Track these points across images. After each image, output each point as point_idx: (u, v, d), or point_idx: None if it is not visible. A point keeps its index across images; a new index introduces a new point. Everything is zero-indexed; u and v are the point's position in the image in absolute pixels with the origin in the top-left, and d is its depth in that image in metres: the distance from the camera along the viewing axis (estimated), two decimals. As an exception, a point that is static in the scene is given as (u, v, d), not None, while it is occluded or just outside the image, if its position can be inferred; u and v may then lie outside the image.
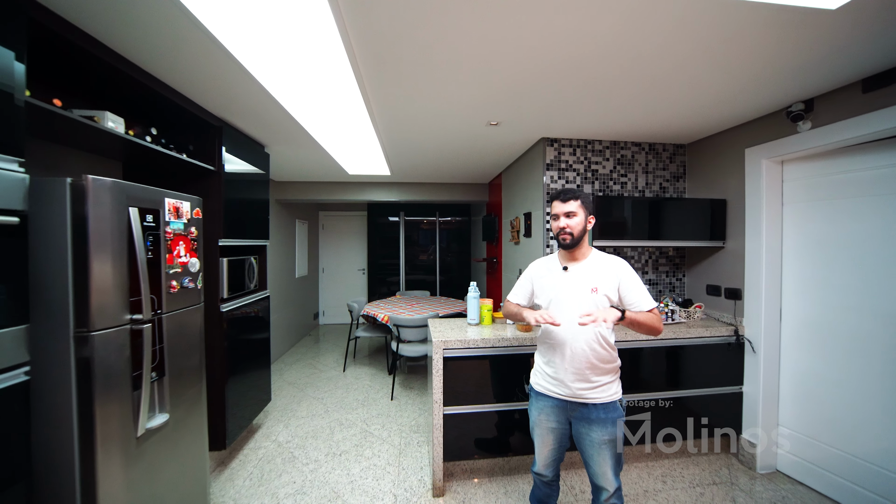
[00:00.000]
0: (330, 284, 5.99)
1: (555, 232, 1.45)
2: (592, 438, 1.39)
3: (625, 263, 1.44)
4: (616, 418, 1.40)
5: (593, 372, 1.38)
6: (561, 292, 1.45)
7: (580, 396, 1.39)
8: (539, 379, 1.52)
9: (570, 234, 1.41)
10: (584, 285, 1.41)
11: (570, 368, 1.40)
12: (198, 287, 1.69)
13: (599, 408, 1.39)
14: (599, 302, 1.39)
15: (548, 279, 1.51)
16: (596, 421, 1.38)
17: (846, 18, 1.26)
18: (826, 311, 2.03)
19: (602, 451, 1.38)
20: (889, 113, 1.64)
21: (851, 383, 1.91)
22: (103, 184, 1.22)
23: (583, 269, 1.44)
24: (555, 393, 1.45)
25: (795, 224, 2.16)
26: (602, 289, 1.39)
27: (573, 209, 1.41)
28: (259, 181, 2.64)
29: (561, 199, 1.43)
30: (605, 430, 1.37)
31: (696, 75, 1.71)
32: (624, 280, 1.40)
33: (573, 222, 1.41)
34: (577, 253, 1.46)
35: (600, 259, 1.46)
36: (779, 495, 2.02)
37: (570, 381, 1.40)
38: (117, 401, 1.26)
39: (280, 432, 2.67)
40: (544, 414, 1.48)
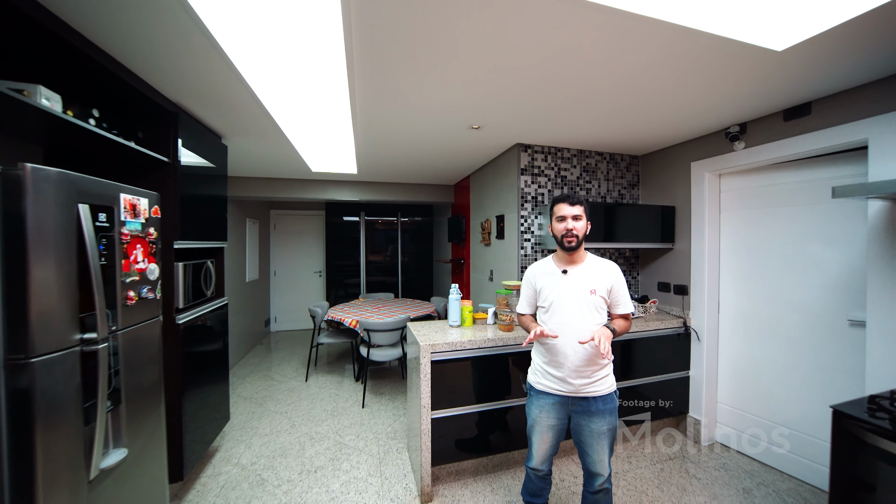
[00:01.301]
0: (282, 288, 5.57)
1: (559, 233, 1.48)
2: (593, 429, 1.45)
3: (617, 268, 1.52)
4: (614, 408, 1.49)
5: (593, 368, 1.46)
6: (563, 295, 1.49)
7: (582, 392, 1.46)
8: (540, 378, 1.55)
9: (576, 237, 1.46)
10: (584, 287, 1.47)
11: (573, 367, 1.45)
12: (157, 297, 1.46)
13: (599, 400, 1.46)
14: (597, 303, 1.46)
15: (548, 282, 1.54)
16: (597, 413, 1.45)
17: (784, 58, 1.48)
18: (753, 303, 2.38)
19: (601, 440, 1.45)
20: (803, 139, 1.97)
21: (773, 362, 2.26)
22: (46, 175, 1.00)
23: (581, 271, 1.50)
24: (557, 391, 1.49)
25: (730, 228, 2.50)
26: (599, 290, 1.46)
27: (579, 213, 1.46)
28: (216, 176, 2.36)
29: (569, 202, 1.47)
30: (605, 420, 1.45)
31: (651, 99, 1.92)
32: (615, 284, 1.49)
33: (579, 225, 1.46)
34: (575, 256, 1.51)
35: (595, 262, 1.53)
36: (720, 462, 2.32)
37: (573, 378, 1.45)
38: (65, 439, 1.04)
39: (242, 454, 2.41)
40: (545, 412, 1.52)
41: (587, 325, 1.44)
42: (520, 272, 2.80)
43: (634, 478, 2.19)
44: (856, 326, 1.87)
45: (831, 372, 1.99)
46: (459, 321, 2.34)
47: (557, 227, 1.49)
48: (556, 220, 1.49)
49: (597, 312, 1.46)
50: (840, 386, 1.92)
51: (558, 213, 1.49)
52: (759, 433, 2.32)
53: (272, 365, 4.18)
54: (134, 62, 1.49)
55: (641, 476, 2.20)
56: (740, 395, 2.45)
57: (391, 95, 1.89)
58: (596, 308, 1.45)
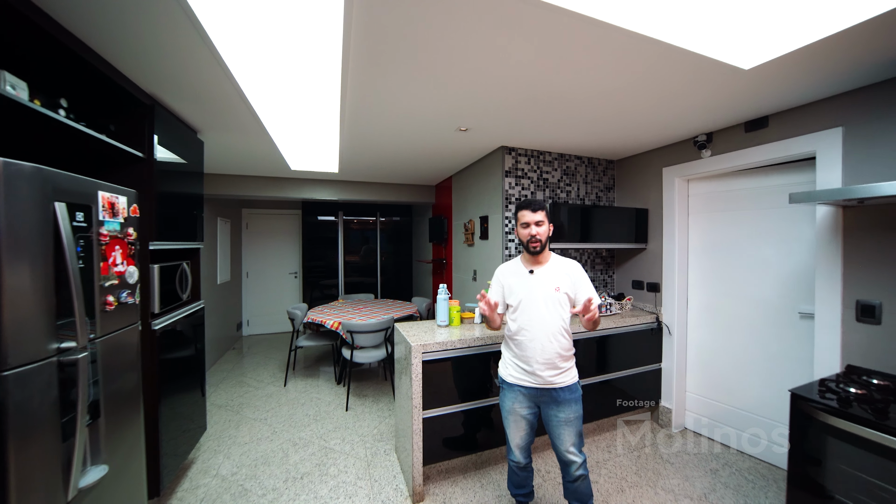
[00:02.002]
0: (255, 290, 5.34)
1: (524, 239, 1.60)
2: (560, 418, 1.56)
3: (578, 265, 1.65)
4: (578, 397, 1.60)
5: (560, 360, 1.56)
6: (530, 293, 1.60)
7: (550, 383, 1.56)
8: (511, 371, 1.65)
9: (540, 241, 1.58)
10: (549, 286, 1.59)
11: (541, 360, 1.55)
12: (136, 302, 1.37)
13: (565, 390, 1.57)
14: (561, 299, 1.58)
15: (516, 282, 1.64)
16: (563, 402, 1.56)
17: (750, 76, 1.62)
18: (717, 298, 2.58)
19: (570, 427, 1.56)
20: (761, 149, 2.17)
21: (734, 352, 2.47)
22: (19, 170, 0.92)
23: (546, 271, 1.62)
24: (527, 382, 1.59)
25: (697, 230, 2.70)
26: (563, 288, 1.59)
27: (541, 218, 1.58)
28: (192, 173, 2.23)
29: (531, 209, 1.58)
30: (571, 409, 1.56)
31: (628, 108, 2.04)
32: (577, 280, 1.61)
33: (542, 230, 1.58)
34: (540, 257, 1.63)
35: (559, 262, 1.66)
36: (690, 447, 2.51)
37: (542, 370, 1.55)
38: (40, 458, 0.96)
39: (221, 464, 2.30)
40: (517, 403, 1.62)
41: (553, 321, 1.56)
42: (504, 272, 2.86)
43: (614, 465, 2.31)
44: (805, 318, 2.08)
45: (784, 360, 2.20)
46: (448, 321, 2.36)
47: (522, 232, 1.60)
48: (521, 227, 1.61)
49: (561, 308, 1.58)
50: (792, 372, 2.13)
51: (522, 219, 1.59)
52: (723, 418, 2.52)
53: (247, 370, 4.00)
54: (105, 48, 1.38)
55: (620, 464, 2.33)
56: (706, 384, 2.65)
57: (384, 96, 1.88)
58: (560, 304, 1.57)
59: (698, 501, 1.97)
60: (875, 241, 1.71)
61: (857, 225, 1.77)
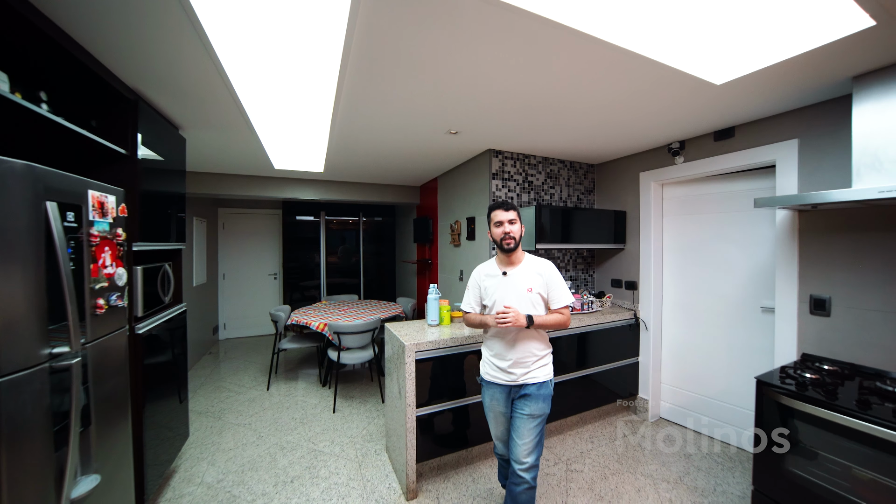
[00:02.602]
0: (233, 293, 5.15)
1: (498, 237, 1.61)
2: (524, 412, 1.56)
3: (552, 265, 1.66)
4: (546, 395, 1.60)
5: (532, 359, 1.60)
6: (503, 294, 1.62)
7: (521, 380, 1.59)
8: (488, 369, 1.68)
9: (514, 239, 1.59)
10: (522, 286, 1.60)
11: (514, 358, 1.59)
12: (125, 305, 1.33)
13: (534, 385, 1.59)
14: (534, 300, 1.59)
15: (490, 283, 1.67)
16: (531, 396, 1.57)
17: (720, 90, 1.77)
18: (688, 295, 2.77)
19: (530, 423, 1.54)
20: (728, 157, 2.36)
21: (703, 345, 2.66)
22: (11, 168, 0.88)
23: (519, 272, 1.63)
24: (502, 380, 1.63)
25: (671, 231, 2.88)
26: (535, 288, 1.60)
27: (514, 217, 1.61)
28: (174, 171, 2.15)
29: (504, 208, 1.61)
30: (537, 405, 1.56)
31: (610, 116, 2.16)
32: (550, 280, 1.62)
33: (515, 228, 1.60)
34: (513, 257, 1.64)
35: (532, 262, 1.66)
36: (665, 435, 2.67)
37: (515, 368, 1.59)
38: (33, 469, 0.92)
39: (205, 472, 2.23)
40: (495, 400, 1.67)
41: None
42: (491, 271, 2.93)
43: (597, 455, 2.43)
44: (767, 312, 2.28)
45: (748, 350, 2.40)
46: (438, 320, 2.40)
47: (496, 231, 1.62)
48: (494, 226, 1.63)
49: (534, 308, 1.59)
50: (755, 362, 2.32)
51: (495, 219, 1.62)
52: (694, 407, 2.71)
53: (226, 375, 3.87)
54: (87, 38, 1.31)
55: (603, 453, 2.45)
56: (679, 376, 2.83)
57: (379, 98, 1.90)
58: (533, 304, 1.58)
59: (674, 484, 2.11)
60: (825, 241, 1.90)
61: (810, 227, 1.96)
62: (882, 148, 1.50)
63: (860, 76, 1.57)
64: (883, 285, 1.71)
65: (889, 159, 1.48)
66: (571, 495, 2.04)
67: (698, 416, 2.68)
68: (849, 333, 1.82)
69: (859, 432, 1.33)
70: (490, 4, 1.13)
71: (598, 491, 2.07)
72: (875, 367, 1.71)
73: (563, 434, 2.70)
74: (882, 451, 1.30)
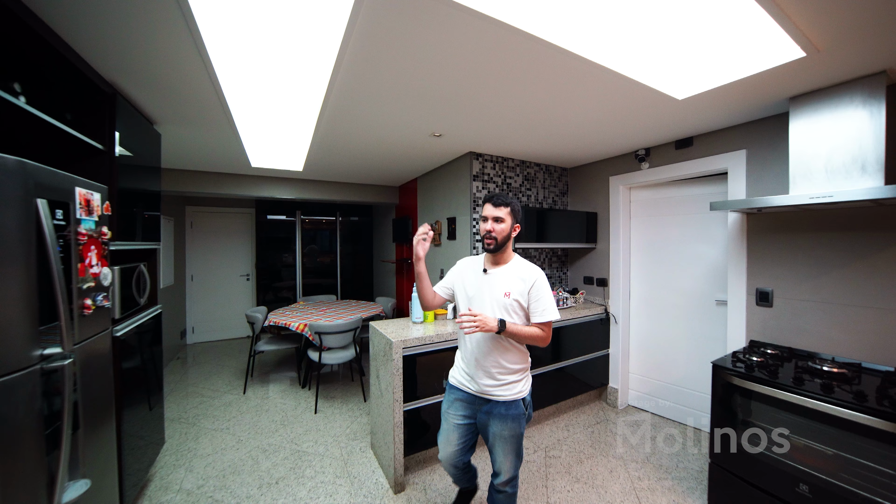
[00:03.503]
0: (201, 295, 4.92)
1: (482, 234, 1.46)
2: (493, 432, 1.44)
3: (540, 273, 1.44)
4: (517, 415, 1.43)
5: (500, 371, 1.43)
6: (480, 293, 1.47)
7: (486, 393, 1.45)
8: (455, 373, 1.56)
9: (494, 239, 1.43)
10: (500, 289, 1.43)
11: (477, 365, 1.44)
12: (110, 306, 1.29)
13: (502, 405, 1.43)
14: (511, 305, 1.41)
15: (471, 278, 1.53)
16: (498, 416, 1.42)
17: (682, 104, 1.96)
18: (652, 290, 3.01)
19: (503, 444, 1.43)
20: (687, 164, 2.59)
21: (666, 336, 2.91)
22: (3, 164, 0.85)
23: (501, 273, 1.46)
24: (466, 387, 1.50)
25: (637, 231, 3.11)
26: (514, 294, 1.41)
27: (502, 215, 1.42)
28: (149, 167, 2.07)
29: (493, 202, 1.43)
30: (505, 426, 1.41)
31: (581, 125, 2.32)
32: (534, 289, 1.41)
33: (499, 227, 1.42)
34: (499, 257, 1.48)
35: (519, 265, 1.48)
36: (633, 420, 2.89)
37: (479, 377, 1.45)
38: (24, 473, 0.90)
39: (183, 478, 2.16)
40: (453, 407, 1.51)
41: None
42: (472, 270, 3.03)
43: (573, 441, 2.59)
44: (720, 305, 2.54)
45: (705, 339, 2.65)
46: (423, 317, 2.46)
47: (481, 226, 1.46)
48: (482, 220, 1.46)
49: (508, 315, 1.41)
50: (710, 349, 2.57)
51: (483, 213, 1.47)
52: (659, 393, 2.95)
53: (197, 380, 3.71)
54: (61, 24, 1.24)
55: (578, 440, 2.62)
56: (645, 365, 3.06)
57: (368, 100, 1.93)
58: (507, 310, 1.40)
59: (642, 463, 2.31)
60: (768, 241, 2.16)
61: (757, 228, 2.21)
62: (812, 160, 1.74)
63: (795, 97, 1.81)
64: (812, 278, 1.97)
65: (818, 170, 1.72)
66: (550, 479, 2.17)
67: (662, 401, 2.92)
68: (787, 321, 2.07)
69: (795, 405, 1.55)
70: (479, 19, 1.21)
71: (575, 474, 2.22)
72: (808, 350, 1.97)
73: (541, 424, 2.85)
74: (812, 420, 1.52)
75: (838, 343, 1.88)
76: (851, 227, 1.84)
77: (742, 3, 1.10)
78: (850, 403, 1.41)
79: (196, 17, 1.20)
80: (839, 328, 1.88)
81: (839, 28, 1.24)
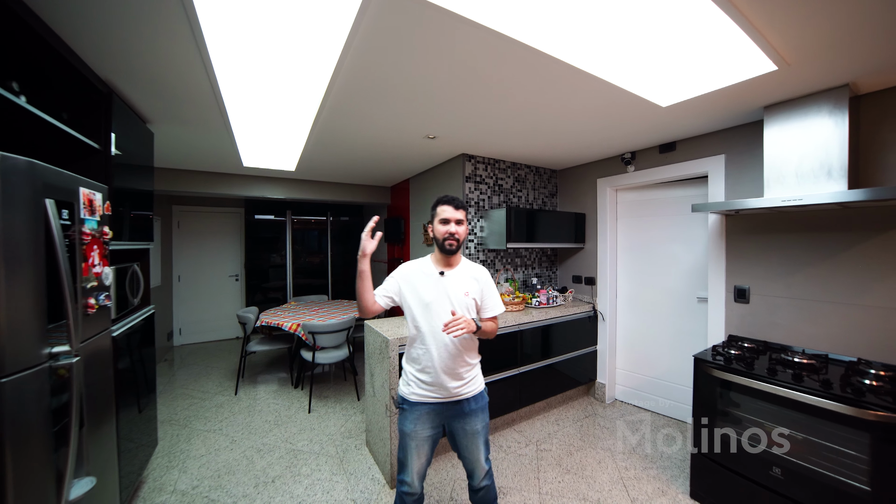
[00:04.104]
0: (189, 296, 4.84)
1: (441, 236, 1.43)
2: (467, 430, 1.45)
3: (487, 272, 1.55)
4: (485, 405, 1.50)
5: (466, 369, 1.45)
6: (439, 296, 1.44)
7: (457, 395, 1.43)
8: (414, 388, 1.45)
9: (457, 241, 1.42)
10: (459, 289, 1.45)
11: (446, 369, 1.41)
12: (111, 305, 1.30)
13: (472, 400, 1.46)
14: (469, 304, 1.46)
15: (424, 283, 1.46)
16: (471, 413, 1.45)
17: (665, 111, 2.07)
18: (638, 288, 3.13)
19: (477, 438, 1.46)
20: (671, 167, 2.72)
21: (650, 332, 3.03)
22: (14, 165, 0.87)
23: (457, 274, 1.48)
24: (432, 398, 1.43)
25: (624, 232, 3.23)
26: (472, 293, 1.47)
27: (462, 217, 1.45)
28: (143, 167, 2.05)
29: (454, 205, 1.43)
30: (479, 419, 1.46)
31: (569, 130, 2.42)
32: (486, 287, 1.50)
33: (461, 230, 1.44)
34: (452, 259, 1.48)
35: (470, 266, 1.54)
36: (619, 413, 3.00)
37: (447, 381, 1.41)
38: (34, 469, 0.91)
39: (177, 479, 2.15)
40: (420, 424, 1.43)
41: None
42: (465, 269, 3.09)
43: (563, 435, 2.68)
44: (702, 302, 2.67)
45: (687, 335, 2.78)
46: (417, 316, 2.50)
47: (440, 229, 1.44)
48: (439, 222, 1.44)
49: (468, 313, 1.46)
50: (692, 344, 2.69)
51: (442, 214, 1.44)
52: (644, 387, 3.07)
53: (186, 382, 3.66)
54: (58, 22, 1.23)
55: (567, 433, 2.71)
56: (631, 361, 3.18)
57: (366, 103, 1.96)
58: (468, 309, 1.46)
59: (629, 454, 2.41)
60: (745, 240, 2.29)
61: (735, 229, 2.34)
62: (784, 165, 1.86)
63: (769, 106, 1.93)
64: (785, 276, 2.10)
65: (789, 174, 1.84)
66: (542, 471, 2.25)
67: (647, 395, 3.04)
68: (762, 316, 2.20)
69: (769, 393, 1.66)
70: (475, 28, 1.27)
71: (565, 466, 2.30)
72: (781, 343, 2.10)
73: (532, 419, 2.93)
74: (784, 408, 1.64)
75: (808, 336, 2.01)
76: (819, 228, 1.97)
77: (719, 19, 1.19)
78: (816, 391, 1.53)
79: (200, 19, 1.22)
80: (808, 322, 2.01)
81: (806, 44, 1.35)
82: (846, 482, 1.46)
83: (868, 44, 1.34)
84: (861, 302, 1.83)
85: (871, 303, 1.81)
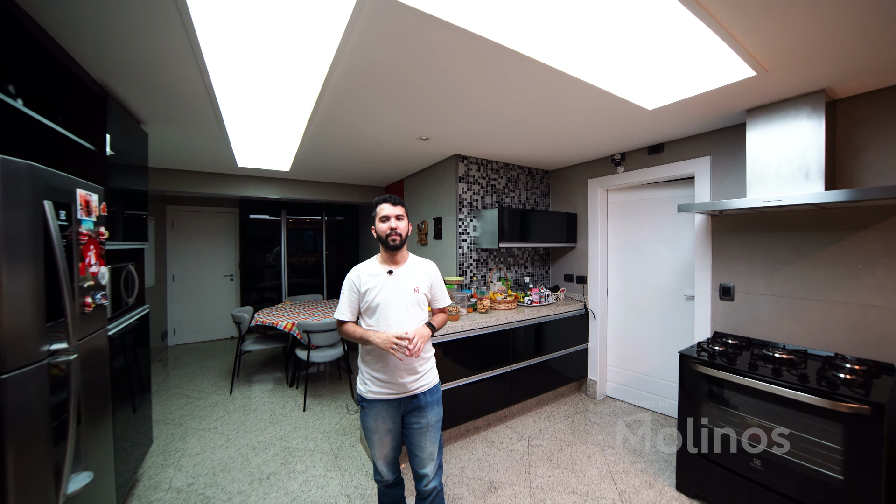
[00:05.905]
0: (183, 296, 4.83)
1: (383, 233, 1.47)
2: (422, 423, 1.47)
3: (435, 266, 1.62)
4: (440, 398, 1.55)
5: (421, 363, 1.49)
6: (389, 294, 1.46)
7: (412, 390, 1.47)
8: (371, 387, 1.48)
9: (400, 236, 1.46)
10: (408, 286, 1.48)
11: (402, 367, 1.44)
12: (107, 304, 1.32)
13: (427, 393, 1.50)
14: (420, 300, 1.50)
15: (375, 283, 1.47)
16: (426, 405, 1.48)
17: (652, 114, 2.12)
18: (628, 286, 3.19)
19: (431, 432, 1.48)
20: (659, 168, 2.78)
21: (639, 329, 3.09)
22: (16, 168, 0.89)
23: (404, 271, 1.51)
24: (388, 395, 1.46)
25: (614, 231, 3.29)
26: (422, 288, 1.52)
27: (401, 213, 1.49)
28: (137, 167, 2.07)
29: (391, 202, 1.49)
30: (434, 412, 1.50)
31: (561, 132, 2.47)
32: (434, 281, 1.57)
33: (402, 225, 1.48)
34: (398, 256, 1.51)
35: (416, 262, 1.57)
36: (610, 410, 3.06)
37: (403, 378, 1.45)
38: (35, 463, 0.94)
39: (173, 477, 2.17)
40: (380, 419, 1.47)
41: (412, 323, 1.46)
42: (458, 269, 3.14)
43: (554, 430, 2.73)
44: (689, 299, 2.73)
45: (674, 332, 2.84)
46: (411, 315, 2.54)
47: (381, 226, 1.47)
48: (380, 221, 1.48)
49: (419, 309, 1.50)
50: (679, 340, 2.76)
51: (381, 213, 1.48)
52: (633, 384, 3.13)
53: (181, 382, 3.67)
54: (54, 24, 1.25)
55: (559, 429, 2.76)
56: (621, 358, 3.24)
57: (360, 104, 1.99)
58: (419, 305, 1.50)
59: (618, 448, 2.47)
60: (730, 240, 2.35)
61: (720, 228, 2.40)
62: (766, 167, 1.93)
63: (751, 110, 1.99)
64: (767, 274, 2.17)
65: (770, 176, 1.91)
66: (533, 466, 2.30)
67: (637, 391, 3.11)
68: (745, 314, 2.27)
69: (751, 388, 1.72)
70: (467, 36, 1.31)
71: (556, 460, 2.35)
72: (763, 339, 2.17)
73: (524, 415, 2.98)
74: (764, 401, 1.70)
75: (788, 332, 2.08)
76: (798, 228, 2.04)
77: (701, 27, 1.24)
78: (794, 385, 1.59)
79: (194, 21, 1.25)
80: (789, 319, 2.08)
81: (782, 51, 1.41)
82: (821, 472, 1.53)
83: (840, 51, 1.41)
84: (837, 299, 1.90)
85: (847, 299, 1.88)
